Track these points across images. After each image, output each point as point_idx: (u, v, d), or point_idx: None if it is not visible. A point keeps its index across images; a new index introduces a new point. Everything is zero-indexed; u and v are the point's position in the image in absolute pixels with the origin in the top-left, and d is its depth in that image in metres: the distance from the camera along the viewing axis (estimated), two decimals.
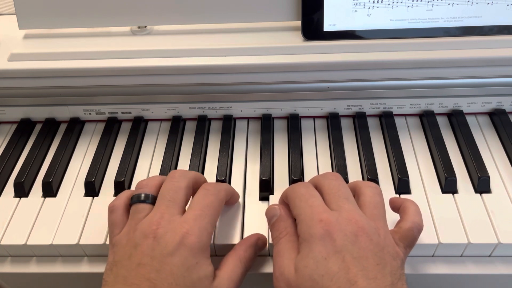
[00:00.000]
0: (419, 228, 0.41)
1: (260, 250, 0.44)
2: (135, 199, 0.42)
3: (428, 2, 0.51)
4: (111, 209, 0.43)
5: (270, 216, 0.43)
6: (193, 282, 0.37)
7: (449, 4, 0.51)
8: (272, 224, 0.42)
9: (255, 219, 0.47)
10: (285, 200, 0.43)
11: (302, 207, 0.39)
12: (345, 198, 0.40)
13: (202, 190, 0.42)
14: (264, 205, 0.49)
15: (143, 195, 0.42)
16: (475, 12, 0.52)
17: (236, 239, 0.45)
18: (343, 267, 0.35)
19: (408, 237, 0.40)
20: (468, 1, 0.51)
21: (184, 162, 0.54)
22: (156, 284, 0.36)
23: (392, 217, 0.44)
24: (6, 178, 0.54)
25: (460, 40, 0.52)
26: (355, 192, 0.42)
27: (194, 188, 0.43)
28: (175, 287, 0.36)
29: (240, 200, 0.49)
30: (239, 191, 0.50)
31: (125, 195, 0.44)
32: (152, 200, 0.42)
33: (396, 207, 0.44)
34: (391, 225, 0.41)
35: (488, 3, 0.51)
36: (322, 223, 0.37)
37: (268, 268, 0.46)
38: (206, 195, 0.41)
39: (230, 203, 0.47)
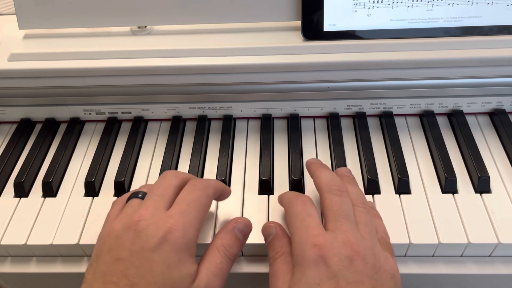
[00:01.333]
0: (385, 231, 0.42)
1: (243, 234, 0.42)
2: (131, 196, 0.42)
3: (428, 2, 0.51)
4: (112, 204, 0.43)
5: (266, 234, 0.42)
6: (174, 281, 0.36)
7: (449, 4, 0.51)
8: (268, 243, 0.42)
9: (255, 219, 0.47)
10: (282, 206, 0.42)
11: (297, 227, 0.38)
12: (344, 218, 0.38)
13: (189, 185, 0.41)
14: (264, 204, 0.48)
15: (140, 193, 0.42)
16: (475, 12, 0.52)
17: None
18: None
19: (385, 243, 0.40)
20: (468, 1, 0.51)
21: (184, 162, 0.54)
22: (134, 282, 0.35)
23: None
24: (6, 178, 0.54)
25: (460, 40, 0.52)
26: None
27: None
28: (153, 285, 0.35)
29: (240, 200, 0.49)
30: (239, 191, 0.50)
31: (131, 193, 0.44)
32: None
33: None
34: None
35: (488, 3, 0.51)
36: (316, 248, 0.36)
37: (267, 268, 0.46)
38: (193, 190, 0.40)
39: (221, 199, 0.46)
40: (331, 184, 0.42)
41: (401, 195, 0.49)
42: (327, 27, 0.53)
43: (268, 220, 0.47)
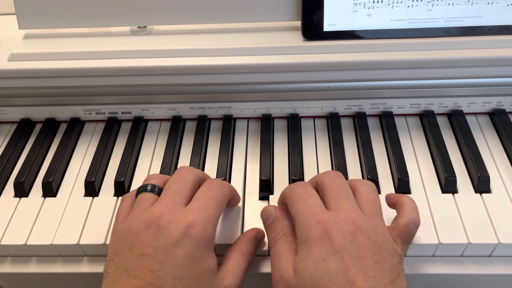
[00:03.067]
0: (416, 224, 0.41)
1: (259, 244, 0.44)
2: (141, 189, 0.42)
3: (428, 2, 0.51)
4: (122, 199, 0.43)
5: (265, 217, 0.43)
6: (198, 275, 0.36)
7: (449, 4, 0.51)
8: (268, 226, 0.42)
9: (255, 219, 0.47)
10: (283, 200, 0.43)
11: (300, 207, 0.39)
12: (344, 197, 0.39)
13: (207, 183, 0.42)
14: (264, 205, 0.48)
15: (149, 185, 0.42)
16: (475, 12, 0.52)
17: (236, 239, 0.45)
18: (342, 267, 0.35)
19: (406, 233, 0.40)
20: (468, 1, 0.51)
21: (184, 162, 0.54)
22: (160, 276, 0.35)
23: (388, 215, 0.44)
24: (6, 178, 0.54)
25: (460, 40, 0.52)
26: (352, 191, 0.42)
27: (200, 186, 0.43)
28: (180, 280, 0.36)
29: (240, 200, 0.49)
30: (239, 191, 0.50)
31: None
32: (158, 191, 0.42)
33: (392, 203, 0.44)
34: (387, 222, 0.41)
35: (488, 3, 0.51)
36: (320, 223, 0.37)
37: (268, 269, 0.46)
38: (211, 188, 0.41)
39: (231, 204, 0.47)
40: (327, 173, 0.43)
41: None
42: (327, 27, 0.53)
43: None
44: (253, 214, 0.48)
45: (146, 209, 0.39)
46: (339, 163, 0.51)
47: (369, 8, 0.52)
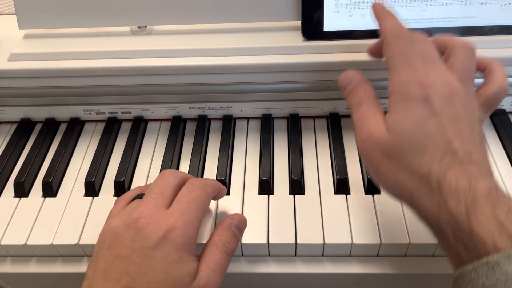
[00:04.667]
0: (505, 92, 0.41)
1: (239, 229, 0.43)
2: (136, 197, 0.42)
3: (422, 2, 0.51)
4: (115, 201, 0.43)
5: (346, 82, 0.42)
6: (174, 278, 0.36)
7: (442, 4, 0.51)
8: (349, 91, 0.41)
9: (254, 219, 0.47)
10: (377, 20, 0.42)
11: (402, 67, 0.38)
12: (436, 61, 0.38)
13: (188, 184, 0.41)
14: (263, 203, 0.48)
15: (143, 195, 0.42)
16: (469, 12, 0.52)
17: None
18: (441, 128, 0.35)
19: (492, 102, 0.40)
20: (462, 1, 0.51)
21: (184, 162, 0.54)
22: (135, 279, 0.35)
23: None
24: (6, 178, 0.54)
25: None
26: (447, 49, 0.41)
27: None
28: (155, 283, 0.35)
29: (240, 199, 0.49)
30: (239, 191, 0.50)
31: (133, 192, 0.44)
32: None
33: (481, 68, 0.43)
34: None
35: (482, 3, 0.51)
36: (422, 87, 0.36)
37: (268, 268, 0.46)
38: (192, 189, 0.41)
39: (217, 198, 0.46)
40: (416, 33, 0.40)
41: None
42: (327, 27, 0.53)
43: (268, 219, 0.47)
44: (253, 214, 0.48)
45: (130, 212, 0.39)
46: (339, 163, 0.51)
47: (369, 8, 0.52)
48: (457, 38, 0.41)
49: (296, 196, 0.49)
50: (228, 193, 0.50)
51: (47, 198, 0.51)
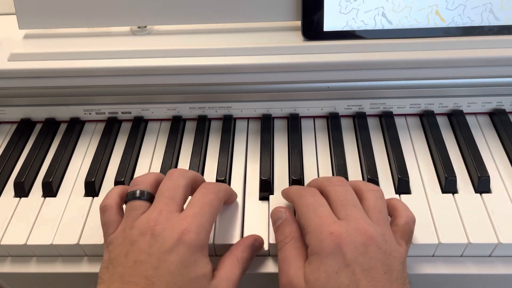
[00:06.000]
0: (413, 220, 0.42)
1: (257, 251, 0.44)
2: (130, 197, 0.41)
3: None
4: (103, 209, 0.42)
5: (275, 218, 0.43)
6: (191, 281, 0.37)
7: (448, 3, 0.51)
8: (277, 227, 0.42)
9: (255, 219, 0.47)
10: (288, 201, 0.43)
11: (310, 217, 0.39)
12: (352, 206, 0.39)
13: (202, 188, 0.42)
14: (264, 205, 0.49)
15: (138, 191, 0.41)
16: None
17: (235, 239, 0.45)
18: (354, 280, 0.35)
19: (407, 231, 0.41)
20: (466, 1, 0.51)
21: (184, 162, 0.54)
22: (154, 282, 0.36)
23: None
24: (6, 178, 0.54)
25: (460, 40, 0.52)
26: (358, 196, 0.42)
27: (192, 188, 0.43)
28: (173, 285, 0.36)
29: (240, 200, 0.49)
30: (239, 191, 0.50)
31: (115, 192, 0.43)
32: (147, 196, 0.41)
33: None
34: None
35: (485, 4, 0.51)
36: (333, 236, 0.37)
37: (268, 268, 0.46)
38: (206, 193, 0.41)
39: (228, 202, 0.47)
40: (330, 179, 0.43)
41: (401, 195, 0.49)
42: (327, 27, 0.53)
43: (268, 219, 0.47)
44: (253, 214, 0.48)
45: (138, 217, 0.39)
46: (339, 163, 0.51)
47: (368, 8, 0.52)
48: (364, 183, 0.43)
49: None
50: None
51: (47, 198, 0.51)
